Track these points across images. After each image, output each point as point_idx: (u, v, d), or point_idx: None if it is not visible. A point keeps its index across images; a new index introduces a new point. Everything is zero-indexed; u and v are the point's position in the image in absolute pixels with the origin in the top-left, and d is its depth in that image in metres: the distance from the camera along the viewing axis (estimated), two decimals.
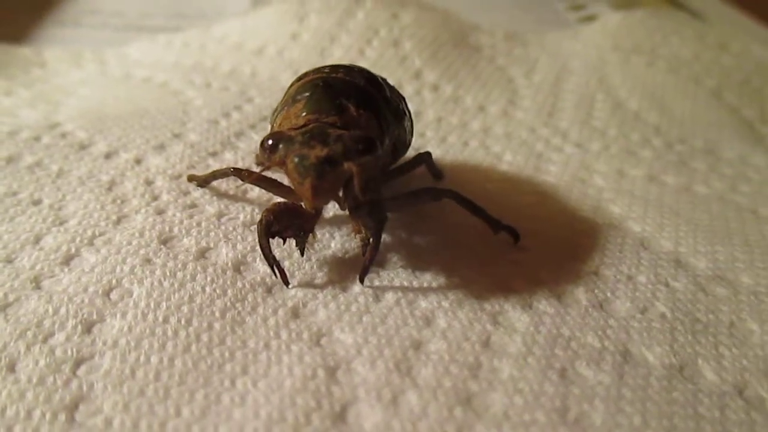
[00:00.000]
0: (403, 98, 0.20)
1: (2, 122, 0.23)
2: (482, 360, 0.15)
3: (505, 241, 0.18)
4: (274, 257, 0.16)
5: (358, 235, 0.17)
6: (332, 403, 0.13)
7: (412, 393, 0.14)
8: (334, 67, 0.19)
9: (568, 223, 0.20)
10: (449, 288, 0.17)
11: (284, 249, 0.17)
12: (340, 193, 0.17)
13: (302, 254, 0.17)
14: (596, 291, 0.17)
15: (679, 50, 0.32)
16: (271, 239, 0.16)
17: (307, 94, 0.18)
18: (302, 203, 0.16)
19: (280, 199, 0.18)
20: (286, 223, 0.16)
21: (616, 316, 0.16)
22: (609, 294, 0.17)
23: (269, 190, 0.18)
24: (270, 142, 0.16)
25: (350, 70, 0.19)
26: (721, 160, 0.24)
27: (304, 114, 0.17)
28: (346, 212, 0.17)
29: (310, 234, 0.17)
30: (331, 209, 0.19)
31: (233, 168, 0.19)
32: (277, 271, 0.16)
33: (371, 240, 0.16)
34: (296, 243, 0.17)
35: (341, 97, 0.17)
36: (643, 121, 0.27)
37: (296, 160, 0.15)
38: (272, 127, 0.19)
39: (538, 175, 0.22)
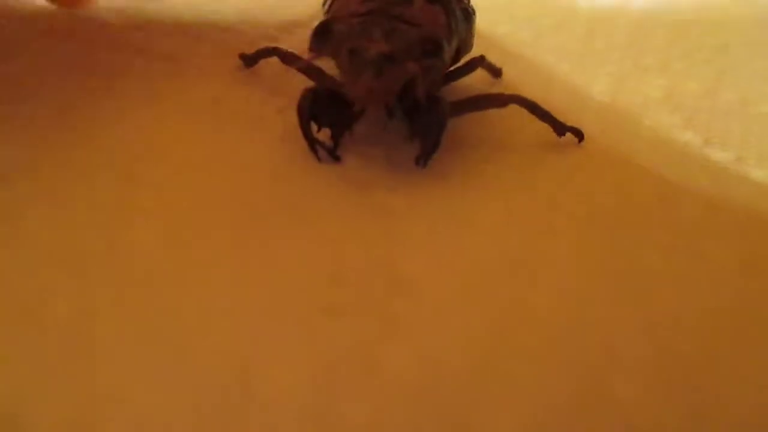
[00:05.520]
0: None
1: None
2: (546, 222, 0.14)
3: (570, 142, 0.17)
4: (314, 138, 0.15)
5: (415, 138, 0.15)
6: (380, 252, 0.13)
7: (470, 240, 0.13)
8: None
9: (634, 123, 0.18)
10: (505, 174, 0.16)
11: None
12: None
13: (335, 148, 0.15)
14: (661, 189, 0.16)
15: None
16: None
17: None
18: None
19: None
20: (327, 110, 0.14)
21: (683, 215, 0.15)
22: (675, 192, 0.16)
23: (315, 81, 0.16)
24: (322, 28, 0.14)
25: None
26: None
27: (364, 1, 0.15)
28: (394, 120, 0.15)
29: (349, 129, 0.15)
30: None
31: (274, 47, 0.17)
32: (318, 151, 0.15)
33: (430, 138, 0.14)
34: (332, 134, 0.15)
35: None
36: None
37: (353, 52, 0.13)
38: (326, 13, 0.17)
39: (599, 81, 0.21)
